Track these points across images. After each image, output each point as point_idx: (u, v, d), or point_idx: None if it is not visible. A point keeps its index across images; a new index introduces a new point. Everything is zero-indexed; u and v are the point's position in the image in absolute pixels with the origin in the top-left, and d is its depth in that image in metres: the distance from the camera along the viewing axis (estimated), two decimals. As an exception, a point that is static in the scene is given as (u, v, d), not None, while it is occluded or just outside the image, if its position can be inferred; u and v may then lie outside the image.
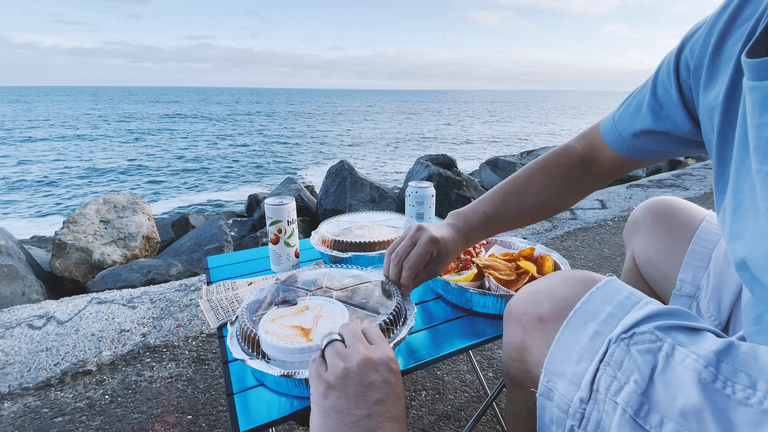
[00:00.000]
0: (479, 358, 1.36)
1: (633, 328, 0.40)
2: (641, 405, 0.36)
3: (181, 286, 1.75)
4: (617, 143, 0.67)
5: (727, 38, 0.47)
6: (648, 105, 0.59)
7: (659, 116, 0.58)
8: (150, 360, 1.32)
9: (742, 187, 0.42)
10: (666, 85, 0.56)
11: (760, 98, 0.38)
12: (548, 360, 0.44)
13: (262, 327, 0.59)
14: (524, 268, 0.82)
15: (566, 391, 0.42)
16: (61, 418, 1.10)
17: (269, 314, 0.61)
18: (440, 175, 5.67)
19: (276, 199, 0.94)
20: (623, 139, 0.65)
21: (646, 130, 0.61)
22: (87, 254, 3.41)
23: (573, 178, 0.75)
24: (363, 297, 0.67)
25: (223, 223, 3.88)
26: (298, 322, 0.59)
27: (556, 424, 0.43)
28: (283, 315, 0.61)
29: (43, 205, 10.24)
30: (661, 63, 0.59)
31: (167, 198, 11.38)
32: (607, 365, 0.40)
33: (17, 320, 1.49)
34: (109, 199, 3.95)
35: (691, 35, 0.53)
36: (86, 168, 14.69)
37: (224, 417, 1.11)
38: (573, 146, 0.76)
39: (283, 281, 0.72)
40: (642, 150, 0.64)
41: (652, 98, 0.59)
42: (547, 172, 0.75)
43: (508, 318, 0.54)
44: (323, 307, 0.62)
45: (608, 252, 2.28)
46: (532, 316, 0.49)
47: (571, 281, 0.49)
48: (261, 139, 24.31)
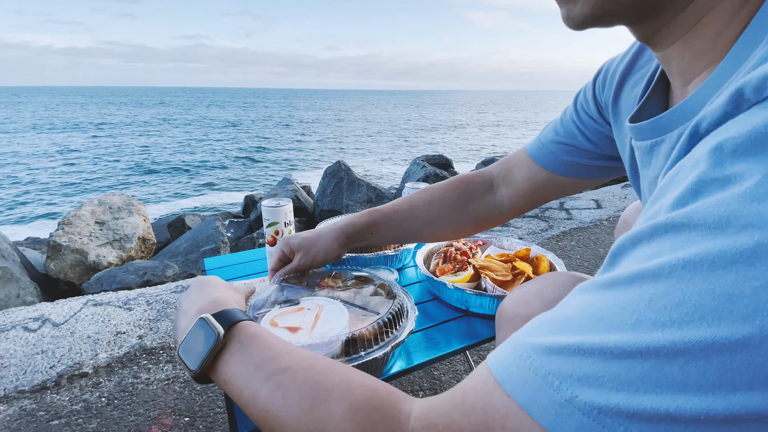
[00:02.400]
0: (476, 359, 1.37)
1: None
2: None
3: (177, 288, 1.74)
4: (545, 158, 0.68)
5: (627, 81, 0.53)
6: (571, 120, 0.65)
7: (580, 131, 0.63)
8: (147, 362, 1.32)
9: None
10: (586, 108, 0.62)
11: (640, 155, 0.44)
12: None
13: (262, 324, 0.59)
14: (520, 268, 0.82)
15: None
16: (57, 421, 1.09)
17: (270, 314, 0.62)
18: (437, 175, 5.68)
19: (273, 200, 0.94)
20: (549, 150, 0.67)
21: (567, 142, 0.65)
22: (82, 256, 3.39)
23: (469, 202, 0.76)
24: (365, 298, 0.67)
25: (219, 224, 3.87)
26: (298, 321, 0.60)
27: None
28: (283, 314, 0.62)
29: (36, 206, 10.17)
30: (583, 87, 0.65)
31: (163, 199, 11.33)
32: None
33: (12, 323, 1.48)
34: (104, 200, 3.93)
35: (604, 71, 0.58)
36: (78, 169, 14.60)
37: (222, 419, 1.11)
38: (486, 169, 0.79)
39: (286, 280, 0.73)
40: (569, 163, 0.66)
41: (575, 115, 0.64)
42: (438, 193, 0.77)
43: (500, 320, 0.55)
44: (324, 308, 0.63)
45: (603, 252, 2.29)
46: (524, 318, 0.51)
47: (560, 283, 0.51)
48: (258, 140, 24.25)
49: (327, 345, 0.55)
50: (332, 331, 0.57)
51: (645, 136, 0.42)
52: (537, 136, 0.71)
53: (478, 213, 0.76)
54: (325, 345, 0.55)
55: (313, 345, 0.54)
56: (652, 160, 0.41)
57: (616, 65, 0.55)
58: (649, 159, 0.42)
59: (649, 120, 0.41)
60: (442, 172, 5.78)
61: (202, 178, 13.77)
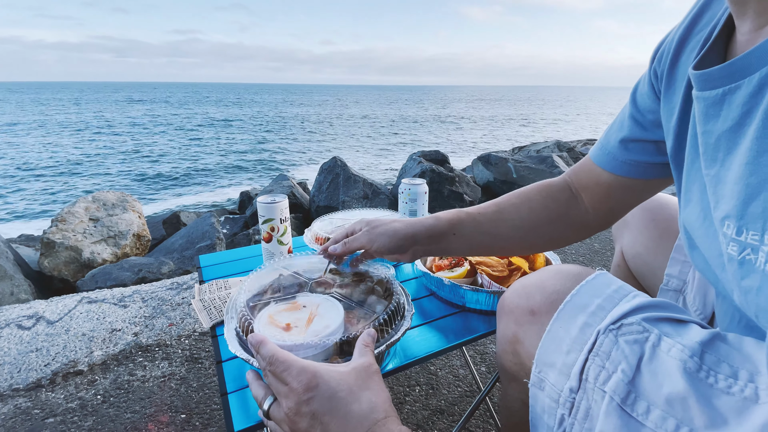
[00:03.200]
0: (472, 353, 1.37)
1: (621, 320, 0.41)
2: (628, 393, 0.38)
3: (173, 285, 1.73)
4: (606, 161, 0.63)
5: (685, 47, 0.49)
6: (630, 115, 0.60)
7: (640, 123, 0.59)
8: (142, 359, 1.31)
9: (692, 187, 0.45)
10: (644, 92, 0.58)
11: (704, 107, 0.40)
12: (539, 351, 0.45)
13: (257, 321, 0.59)
14: (516, 264, 0.82)
15: (557, 381, 0.43)
16: (52, 419, 1.09)
17: (267, 309, 0.62)
18: (433, 171, 5.68)
19: (268, 197, 0.93)
20: (609, 152, 0.62)
21: (629, 138, 0.60)
22: (76, 253, 3.37)
23: (557, 206, 0.68)
24: (362, 295, 0.67)
25: (214, 221, 3.85)
26: (293, 319, 0.60)
27: (548, 414, 0.43)
28: (279, 311, 0.62)
29: (29, 203, 10.08)
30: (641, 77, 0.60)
31: (158, 196, 11.26)
32: (595, 355, 0.41)
33: (6, 321, 1.47)
34: (98, 197, 3.90)
35: (662, 43, 0.55)
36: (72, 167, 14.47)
37: (218, 415, 1.11)
38: (558, 178, 0.72)
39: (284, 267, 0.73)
40: (631, 163, 0.61)
41: (633, 107, 0.59)
42: (524, 196, 0.69)
43: (501, 311, 0.55)
44: (320, 305, 0.62)
45: (599, 246, 2.30)
46: (524, 309, 0.50)
47: (562, 275, 0.50)
48: (254, 136, 24.12)
49: (321, 345, 0.54)
50: (327, 329, 0.56)
51: (715, 83, 0.38)
52: (599, 140, 0.66)
53: (567, 219, 0.69)
54: (320, 345, 0.54)
55: (307, 344, 0.53)
56: (722, 111, 0.38)
57: (673, 34, 0.52)
58: (718, 110, 0.38)
59: (722, 65, 0.37)
60: (439, 168, 5.78)
61: (197, 174, 13.69)
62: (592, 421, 0.39)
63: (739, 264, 0.35)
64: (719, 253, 0.39)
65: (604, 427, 0.38)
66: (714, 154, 0.39)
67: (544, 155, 6.85)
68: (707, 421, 0.34)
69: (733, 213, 0.35)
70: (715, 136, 0.39)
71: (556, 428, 0.42)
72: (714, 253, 0.41)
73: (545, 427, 0.44)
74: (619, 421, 0.37)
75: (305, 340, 0.54)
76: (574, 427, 0.41)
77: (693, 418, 0.34)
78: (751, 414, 0.32)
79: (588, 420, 0.40)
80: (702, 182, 0.43)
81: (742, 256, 0.35)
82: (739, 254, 0.35)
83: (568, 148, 9.18)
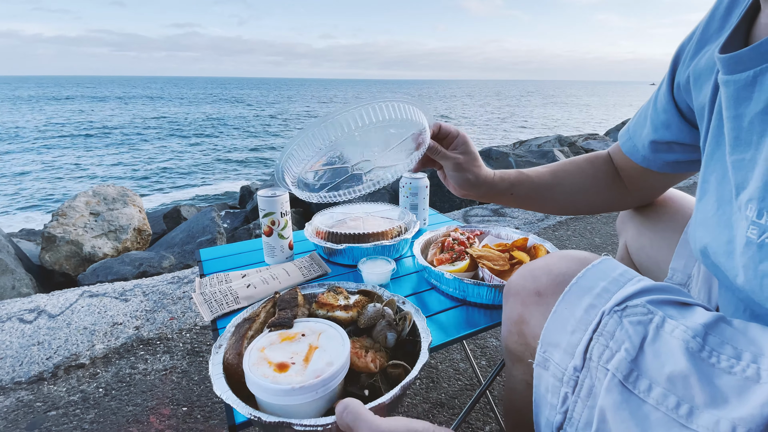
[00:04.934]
0: (472, 347, 1.38)
1: (626, 302, 0.42)
2: (631, 371, 0.38)
3: (173, 279, 1.74)
4: (633, 152, 0.69)
5: (712, 40, 0.50)
6: (650, 117, 0.63)
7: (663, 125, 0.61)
8: (144, 353, 1.32)
9: (709, 177, 0.45)
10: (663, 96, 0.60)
11: (733, 91, 0.40)
12: (545, 331, 0.46)
13: (247, 358, 0.49)
14: (517, 258, 0.82)
15: (561, 360, 0.43)
16: (54, 411, 1.09)
17: (257, 344, 0.52)
18: (433, 165, 5.67)
19: (269, 190, 0.93)
20: (637, 149, 0.68)
21: (656, 141, 0.64)
22: (77, 247, 3.37)
23: (604, 176, 0.76)
24: (370, 320, 0.58)
25: (215, 215, 3.85)
26: (289, 354, 0.49)
27: (551, 392, 0.44)
28: (272, 344, 0.51)
29: (29, 198, 10.08)
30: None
31: (158, 190, 11.25)
32: (600, 335, 0.41)
33: (8, 314, 1.48)
34: (98, 191, 3.89)
35: (686, 44, 0.56)
36: (72, 162, 14.45)
37: (219, 408, 1.11)
38: (604, 152, 0.79)
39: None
40: (655, 160, 0.66)
41: (653, 110, 0.63)
42: (576, 165, 0.77)
43: (508, 294, 0.56)
44: (321, 334, 0.53)
45: (599, 241, 2.30)
46: (531, 291, 0.51)
47: (568, 259, 0.51)
48: (254, 131, 24.06)
49: (323, 387, 0.46)
50: (330, 367, 0.47)
51: (746, 65, 0.38)
52: (626, 127, 0.71)
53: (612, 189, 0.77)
54: (321, 387, 0.46)
55: (306, 387, 0.44)
56: (755, 93, 0.37)
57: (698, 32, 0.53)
58: (750, 92, 0.38)
59: (751, 46, 0.37)
60: (439, 162, 5.76)
61: (197, 169, 13.67)
62: (594, 399, 0.40)
63: (758, 247, 0.35)
64: (728, 240, 0.39)
65: (605, 402, 0.38)
66: (748, 137, 0.39)
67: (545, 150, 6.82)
68: (708, 399, 0.34)
69: (756, 195, 0.36)
70: (748, 119, 0.39)
71: (559, 407, 0.43)
72: (722, 240, 0.41)
73: (548, 406, 0.44)
74: (620, 397, 0.37)
75: (305, 382, 0.45)
76: (576, 405, 0.41)
77: (694, 396, 0.34)
78: (752, 393, 0.33)
79: (591, 398, 0.40)
80: (720, 172, 0.43)
81: (762, 239, 0.35)
82: (759, 237, 0.35)
83: (570, 143, 9.14)
